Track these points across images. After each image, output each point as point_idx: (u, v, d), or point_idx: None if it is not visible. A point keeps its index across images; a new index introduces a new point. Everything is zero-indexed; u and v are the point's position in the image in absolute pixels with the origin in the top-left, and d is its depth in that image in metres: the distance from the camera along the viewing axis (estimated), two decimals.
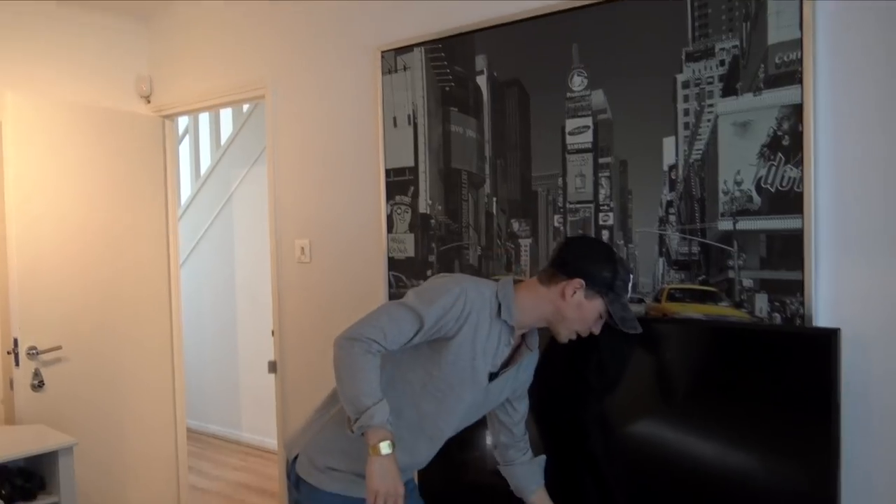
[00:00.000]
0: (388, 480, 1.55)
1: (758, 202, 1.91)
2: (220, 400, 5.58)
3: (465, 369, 1.74)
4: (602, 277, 1.72)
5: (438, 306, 1.67)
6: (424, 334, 1.68)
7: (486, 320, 1.73)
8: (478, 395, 1.79)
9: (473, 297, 1.71)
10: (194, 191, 5.80)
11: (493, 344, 1.75)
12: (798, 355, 1.79)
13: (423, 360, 1.75)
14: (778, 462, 1.81)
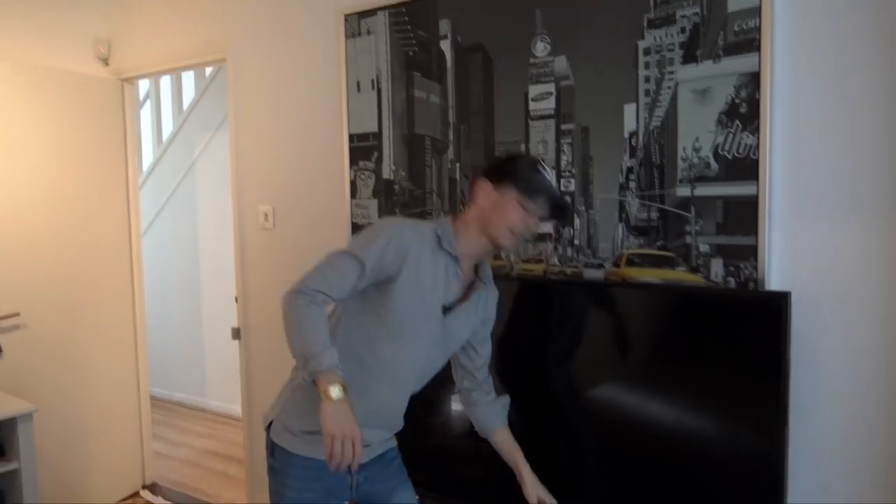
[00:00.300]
0: (343, 423, 1.54)
1: (715, 169, 1.94)
2: (185, 368, 5.55)
3: (415, 305, 1.73)
4: (503, 170, 1.75)
5: (376, 247, 1.69)
6: (368, 277, 1.69)
7: (427, 255, 1.74)
8: (435, 331, 1.78)
9: (410, 234, 1.73)
10: (156, 157, 5.70)
11: (441, 277, 1.75)
12: (751, 318, 1.84)
13: (372, 305, 1.75)
14: (730, 421, 1.86)
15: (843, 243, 1.81)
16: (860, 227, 1.78)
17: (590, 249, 2.20)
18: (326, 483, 1.80)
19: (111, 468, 3.78)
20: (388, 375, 1.78)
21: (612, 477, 2.08)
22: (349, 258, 1.68)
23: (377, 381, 1.78)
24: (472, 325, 1.90)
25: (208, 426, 5.09)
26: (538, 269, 2.31)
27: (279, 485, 1.83)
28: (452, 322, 1.81)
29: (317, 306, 1.64)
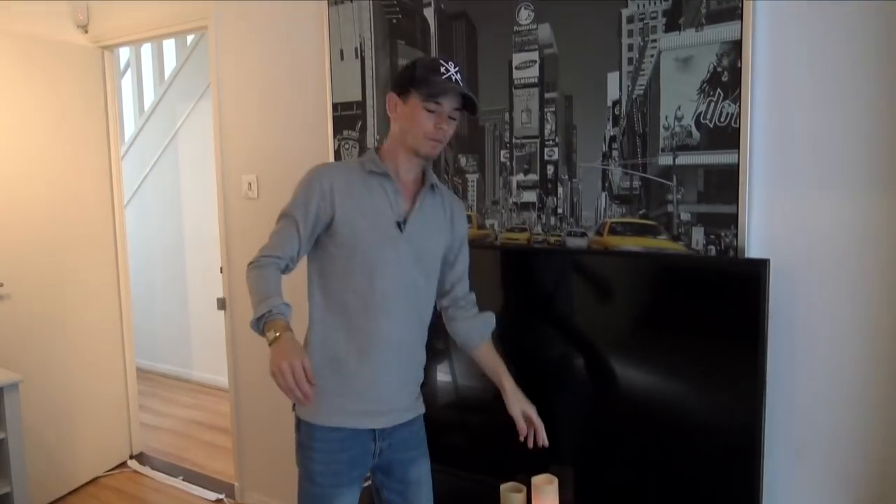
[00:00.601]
0: (283, 354, 1.52)
1: (697, 137, 1.96)
2: (170, 339, 5.56)
3: (366, 232, 1.74)
4: (403, 77, 1.74)
5: (301, 196, 1.75)
6: (310, 228, 1.74)
7: (357, 184, 1.76)
8: (401, 249, 1.77)
9: (330, 172, 1.78)
10: (138, 127, 5.64)
11: (382, 198, 1.76)
12: (731, 285, 1.87)
13: (330, 251, 1.77)
14: (710, 387, 1.90)
15: (821, 212, 1.84)
16: (838, 196, 1.81)
17: (573, 218, 2.22)
18: (351, 454, 1.81)
19: (98, 439, 3.79)
20: (378, 309, 1.77)
21: (593, 443, 2.12)
22: (282, 219, 1.76)
23: (372, 319, 1.77)
24: (440, 232, 1.87)
25: (194, 397, 5.11)
26: (522, 238, 2.33)
27: (304, 458, 1.83)
28: (414, 234, 1.79)
29: (263, 267, 1.69)
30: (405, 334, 1.83)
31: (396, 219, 1.77)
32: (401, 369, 1.84)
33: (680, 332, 1.96)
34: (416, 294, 1.83)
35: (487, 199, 2.39)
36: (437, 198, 1.87)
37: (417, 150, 1.75)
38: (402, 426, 1.88)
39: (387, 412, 1.83)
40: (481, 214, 2.41)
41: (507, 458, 2.30)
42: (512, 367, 2.27)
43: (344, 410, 1.79)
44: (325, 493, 1.82)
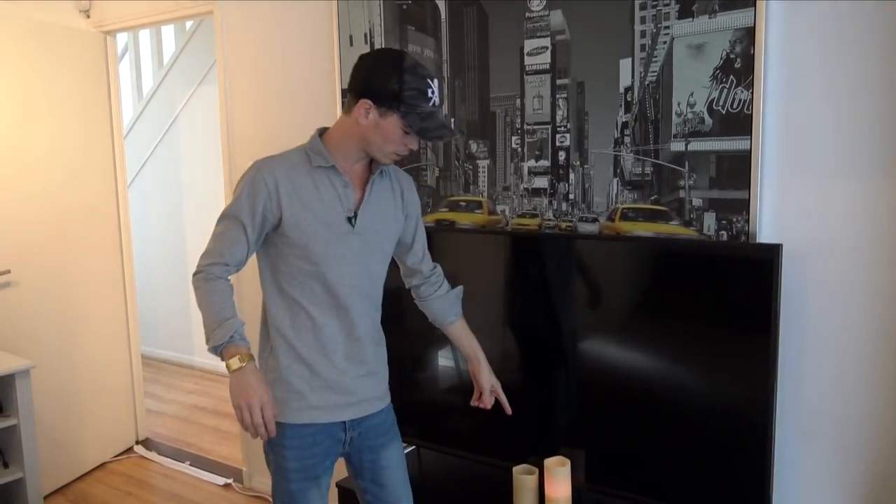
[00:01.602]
0: (247, 390, 1.57)
1: (709, 124, 1.98)
2: (172, 325, 5.56)
3: (317, 231, 1.71)
4: (388, 91, 1.63)
5: (244, 196, 1.69)
6: (257, 230, 1.70)
7: (303, 178, 1.71)
8: (354, 244, 1.75)
9: (271, 167, 1.71)
10: (137, 113, 5.61)
11: (330, 192, 1.72)
12: (742, 271, 1.90)
13: (282, 250, 1.74)
14: (721, 371, 1.93)
15: (833, 198, 1.86)
16: (850, 183, 1.83)
17: (584, 204, 2.24)
18: (323, 446, 1.82)
19: (105, 424, 3.81)
20: (338, 307, 1.76)
21: (605, 426, 2.15)
22: (226, 220, 1.71)
23: (333, 317, 1.77)
24: (393, 214, 1.85)
25: (197, 382, 5.13)
26: (533, 224, 2.35)
27: (277, 456, 1.81)
28: (366, 225, 1.76)
29: (213, 281, 1.67)
30: (366, 326, 1.82)
31: (347, 214, 1.73)
32: (366, 360, 1.84)
33: (692, 316, 1.98)
34: (371, 284, 1.83)
35: (498, 184, 2.41)
36: (385, 178, 1.84)
37: (377, 158, 1.72)
38: (370, 417, 1.88)
39: (355, 403, 1.83)
40: (492, 200, 2.43)
41: (519, 440, 2.33)
42: (524, 351, 2.31)
43: (313, 406, 1.78)
44: (300, 488, 1.81)
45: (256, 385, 1.58)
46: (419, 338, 2.42)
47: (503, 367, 2.33)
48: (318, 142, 1.75)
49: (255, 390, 1.57)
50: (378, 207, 1.80)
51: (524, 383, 2.31)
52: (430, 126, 1.67)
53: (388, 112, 1.64)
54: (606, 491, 2.17)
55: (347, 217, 1.74)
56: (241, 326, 1.64)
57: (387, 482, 1.93)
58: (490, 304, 2.04)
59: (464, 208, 2.48)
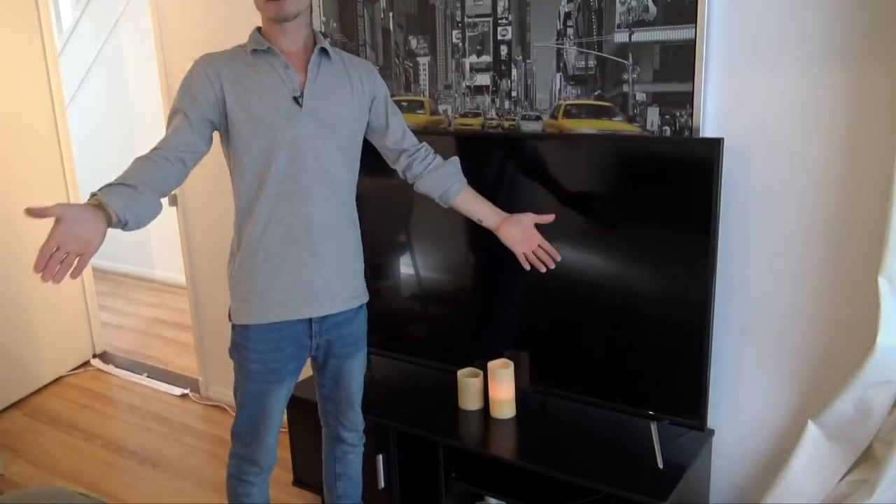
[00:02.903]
0: (65, 233, 1.35)
1: (653, 12, 1.87)
2: (129, 239, 5.41)
3: (263, 114, 1.68)
4: None
5: (184, 86, 1.69)
6: (199, 112, 1.65)
7: (244, 67, 1.69)
8: (303, 123, 1.70)
9: (213, 59, 1.70)
10: (76, 17, 5.31)
11: (272, 76, 1.69)
12: (685, 166, 1.84)
13: (234, 142, 1.71)
14: (662, 267, 1.91)
15: (776, 90, 1.79)
16: (795, 74, 1.76)
17: (527, 101, 2.15)
18: (288, 351, 1.81)
19: (59, 339, 3.77)
20: (292, 192, 1.72)
21: (548, 327, 2.14)
22: (172, 115, 1.68)
23: (288, 203, 1.72)
24: (347, 97, 1.78)
25: (156, 296, 5.08)
26: (476, 124, 2.26)
27: (241, 358, 1.81)
28: (315, 105, 1.72)
29: (136, 160, 1.58)
30: (328, 215, 1.76)
31: (292, 94, 1.70)
32: (330, 252, 1.79)
33: (635, 214, 1.94)
34: (333, 168, 1.76)
35: (440, 83, 2.31)
36: (335, 65, 1.78)
37: (268, 16, 1.68)
38: (343, 322, 1.86)
39: (322, 298, 1.79)
40: (434, 100, 2.33)
41: (464, 345, 2.32)
42: (468, 256, 2.27)
43: (275, 303, 1.76)
44: (262, 389, 1.82)
45: (90, 230, 1.37)
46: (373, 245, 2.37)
47: (448, 273, 2.30)
48: (256, 32, 1.74)
49: (83, 233, 1.36)
50: (329, 89, 1.75)
51: (469, 289, 2.28)
52: None
53: None
54: (550, 392, 2.18)
55: (294, 97, 1.70)
56: (111, 190, 1.46)
57: (344, 384, 1.96)
58: (432, 210, 1.98)
59: (405, 108, 2.38)
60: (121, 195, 1.46)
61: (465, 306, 2.30)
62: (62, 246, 1.34)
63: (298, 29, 1.71)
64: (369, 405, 2.09)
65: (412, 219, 2.34)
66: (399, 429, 2.23)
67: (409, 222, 2.35)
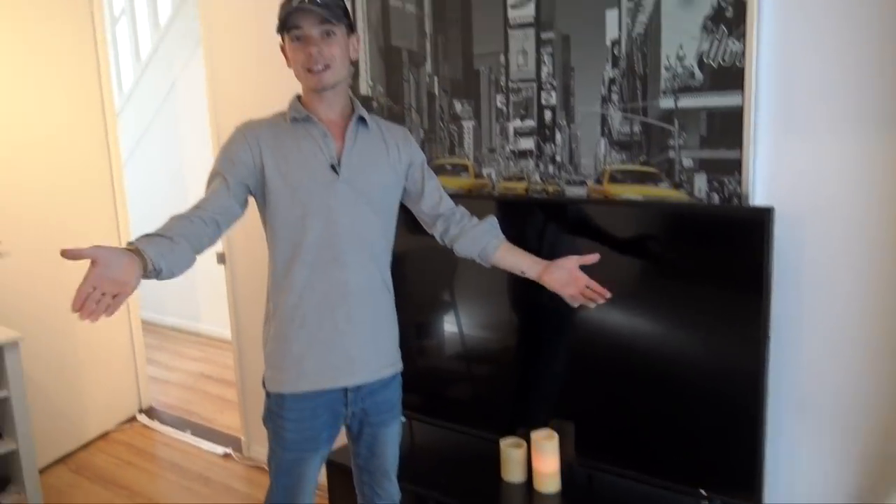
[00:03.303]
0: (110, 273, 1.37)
1: (700, 78, 1.85)
2: (177, 292, 5.53)
3: (301, 181, 1.69)
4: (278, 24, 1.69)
5: (224, 150, 1.73)
6: (237, 176, 1.68)
7: (284, 134, 1.73)
8: (340, 191, 1.71)
9: (251, 125, 1.75)
10: (136, 77, 5.53)
11: (310, 144, 1.72)
12: (734, 234, 1.79)
13: (271, 209, 1.73)
14: (712, 336, 1.84)
15: (829, 157, 1.73)
16: (847, 141, 1.70)
17: (572, 166, 2.12)
18: (323, 419, 1.79)
19: (107, 393, 3.82)
20: (329, 258, 1.71)
21: (594, 396, 2.08)
22: (211, 174, 1.72)
23: (324, 269, 1.72)
24: (383, 164, 1.79)
25: (202, 350, 5.13)
26: (520, 188, 2.25)
27: (276, 426, 1.80)
28: (352, 172, 1.73)
29: (179, 218, 1.62)
30: (364, 282, 1.76)
31: (330, 161, 1.71)
32: (366, 320, 1.78)
33: (683, 282, 1.89)
34: (368, 234, 1.76)
35: (484, 146, 2.30)
36: (372, 132, 1.80)
37: (308, 86, 1.72)
38: (378, 389, 1.84)
39: (357, 367, 1.77)
40: (478, 164, 2.33)
41: (507, 411, 2.27)
42: (512, 320, 2.23)
43: (311, 371, 1.75)
44: (297, 458, 1.80)
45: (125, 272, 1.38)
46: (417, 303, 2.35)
47: (491, 337, 2.26)
48: (296, 100, 1.78)
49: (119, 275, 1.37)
50: (366, 156, 1.76)
51: (513, 350, 2.23)
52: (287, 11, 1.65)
53: (282, 39, 1.71)
54: (596, 466, 2.10)
55: (331, 165, 1.71)
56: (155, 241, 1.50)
57: (379, 453, 1.91)
58: (476, 269, 1.96)
59: (449, 172, 2.38)
60: (156, 244, 1.49)
61: (509, 369, 2.25)
62: (98, 286, 1.36)
63: (337, 98, 1.74)
64: (407, 474, 2.04)
65: (456, 277, 2.32)
66: (438, 500, 2.16)
67: (452, 281, 2.33)
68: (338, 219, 1.71)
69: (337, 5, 1.68)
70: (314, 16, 1.63)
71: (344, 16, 1.70)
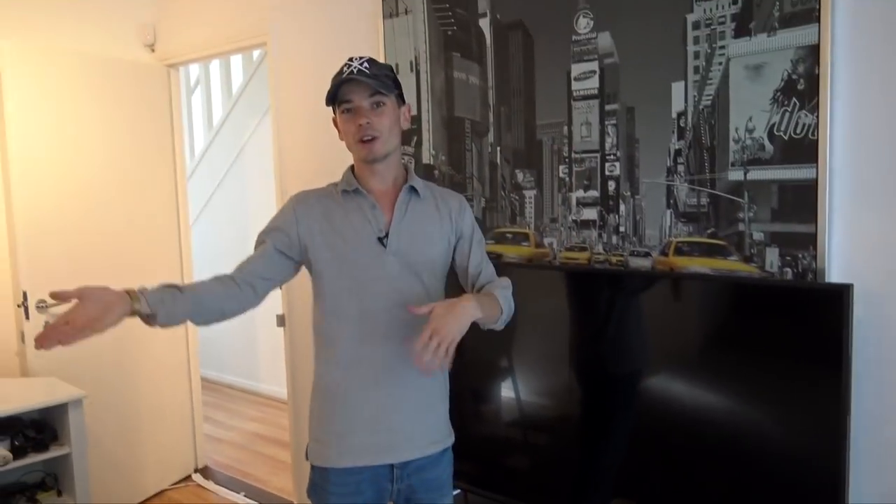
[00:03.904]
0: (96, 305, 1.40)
1: (770, 151, 1.81)
2: (237, 351, 5.62)
3: (348, 253, 1.69)
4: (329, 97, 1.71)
5: (275, 218, 1.77)
6: (278, 246, 1.71)
7: (334, 206, 1.74)
8: (387, 264, 1.69)
9: (303, 195, 1.78)
10: (208, 142, 5.75)
11: (359, 217, 1.72)
12: (810, 311, 1.71)
13: (318, 281, 1.74)
14: (788, 417, 1.75)
15: None
16: None
17: (636, 237, 2.09)
18: (367, 495, 1.74)
19: (164, 452, 3.84)
20: (374, 332, 1.69)
21: (665, 471, 1.98)
22: (258, 239, 1.77)
23: (368, 344, 1.69)
24: (434, 233, 1.76)
25: (259, 409, 5.14)
26: (582, 258, 2.22)
27: (321, 501, 1.76)
28: (400, 244, 1.71)
29: (215, 277, 1.67)
30: (410, 356, 1.69)
31: (377, 234, 1.70)
32: (412, 396, 1.73)
33: (753, 360, 1.80)
34: (406, 298, 1.71)
35: (546, 216, 2.29)
36: (424, 201, 1.78)
37: (359, 157, 1.72)
38: (426, 466, 1.78)
39: (402, 443, 1.73)
40: (539, 232, 2.31)
41: (566, 487, 2.18)
42: (574, 392, 2.16)
43: (355, 447, 1.71)
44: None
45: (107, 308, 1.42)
46: (474, 369, 2.31)
47: (549, 405, 2.20)
48: (349, 171, 1.80)
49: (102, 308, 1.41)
50: (415, 227, 1.74)
51: (572, 424, 2.17)
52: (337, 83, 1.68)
53: (333, 111, 1.74)
54: None
55: (378, 238, 1.70)
56: (162, 288, 1.54)
57: None
58: (538, 342, 1.92)
59: (510, 240, 2.37)
60: (161, 292, 1.53)
61: (569, 440, 2.17)
62: (71, 321, 1.38)
63: (388, 168, 1.75)
64: None
65: (514, 341, 2.28)
66: None
67: (510, 345, 2.29)
68: (384, 292, 1.69)
69: (386, 76, 1.70)
70: (364, 87, 1.66)
71: (394, 86, 1.72)
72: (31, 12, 3.37)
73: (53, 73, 3.26)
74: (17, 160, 3.13)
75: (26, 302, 3.18)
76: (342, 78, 1.66)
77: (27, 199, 3.17)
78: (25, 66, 3.15)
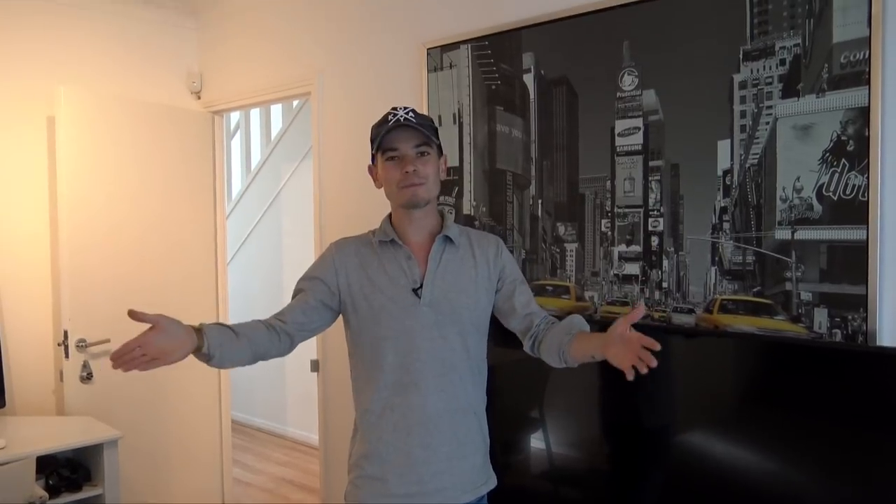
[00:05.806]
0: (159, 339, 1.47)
1: (818, 210, 1.80)
2: (267, 394, 5.63)
3: (384, 304, 1.70)
4: (372, 146, 1.76)
5: (313, 266, 1.81)
6: (316, 295, 1.74)
7: (370, 256, 1.76)
8: (421, 315, 1.70)
9: (342, 244, 1.81)
10: (245, 185, 5.85)
11: (395, 267, 1.73)
12: (861, 374, 1.68)
13: (353, 330, 1.76)
14: (840, 485, 1.70)
15: None
16: None
17: (679, 293, 2.08)
18: None
19: (193, 493, 3.83)
20: (406, 383, 1.70)
21: None
22: (297, 286, 1.81)
23: (400, 394, 1.70)
24: (470, 282, 1.75)
25: (287, 454, 5.12)
26: (623, 312, 2.20)
27: None
28: (435, 295, 1.71)
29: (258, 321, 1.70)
30: (443, 407, 1.71)
31: (412, 285, 1.71)
32: (444, 446, 1.72)
33: (805, 422, 1.77)
34: (451, 357, 1.72)
35: (587, 269, 2.29)
36: (460, 248, 1.79)
37: (400, 203, 1.73)
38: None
39: (433, 494, 1.71)
40: (580, 286, 2.31)
41: None
42: (614, 450, 2.13)
43: (388, 495, 1.72)
44: None
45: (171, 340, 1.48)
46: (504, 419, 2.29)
47: (580, 458, 2.17)
48: (385, 220, 1.83)
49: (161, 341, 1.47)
50: (451, 277, 1.75)
51: (603, 478, 2.13)
52: (385, 130, 1.70)
53: (374, 160, 1.78)
54: None
55: (413, 289, 1.71)
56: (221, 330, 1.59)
57: None
58: (567, 389, 1.90)
59: (550, 293, 2.37)
60: (220, 333, 1.57)
61: (600, 494, 2.13)
62: (144, 348, 1.44)
63: (426, 218, 1.77)
64: None
65: (546, 392, 2.26)
66: None
67: (542, 396, 2.27)
68: (418, 343, 1.70)
69: (430, 126, 1.75)
70: (410, 135, 1.69)
71: (435, 136, 1.76)
72: (85, 60, 3.49)
73: (103, 118, 3.37)
74: (66, 200, 3.22)
75: (66, 341, 3.22)
76: (389, 125, 1.69)
77: (73, 239, 3.24)
78: (78, 112, 3.26)
